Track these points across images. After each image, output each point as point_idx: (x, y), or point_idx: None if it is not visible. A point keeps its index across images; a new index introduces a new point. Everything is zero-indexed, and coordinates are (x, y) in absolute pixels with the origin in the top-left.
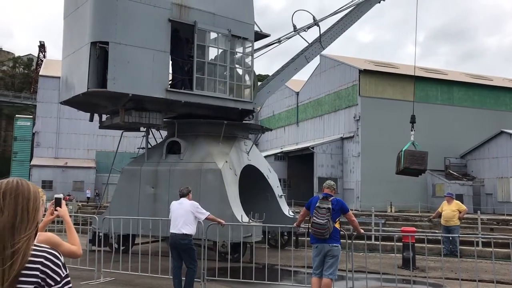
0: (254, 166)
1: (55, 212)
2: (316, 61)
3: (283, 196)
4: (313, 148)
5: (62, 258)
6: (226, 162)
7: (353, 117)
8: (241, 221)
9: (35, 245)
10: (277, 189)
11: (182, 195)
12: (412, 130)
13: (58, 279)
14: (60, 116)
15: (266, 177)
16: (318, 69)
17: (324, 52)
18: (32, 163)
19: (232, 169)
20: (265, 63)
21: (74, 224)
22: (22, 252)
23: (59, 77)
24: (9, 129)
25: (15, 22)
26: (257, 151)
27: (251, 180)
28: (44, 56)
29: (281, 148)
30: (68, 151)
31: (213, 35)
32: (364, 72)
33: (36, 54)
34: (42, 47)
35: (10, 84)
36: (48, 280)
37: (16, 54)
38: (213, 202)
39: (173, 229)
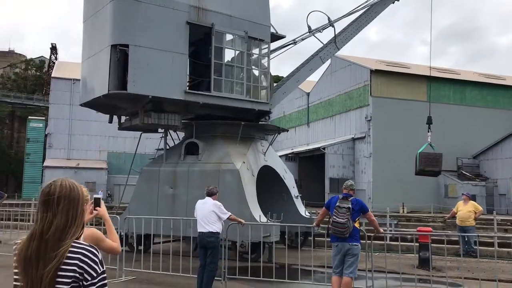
0: (271, 166)
1: (94, 211)
2: (327, 62)
3: (299, 197)
4: (324, 148)
5: (99, 256)
6: (244, 162)
7: (364, 118)
8: (259, 221)
9: (75, 242)
10: (293, 190)
11: (209, 194)
12: (428, 131)
13: (95, 275)
14: (72, 118)
15: (282, 178)
16: (329, 70)
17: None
18: (44, 164)
19: (249, 170)
20: (274, 65)
21: (96, 225)
22: (63, 253)
23: (71, 79)
24: (22, 131)
25: (25, 25)
26: (273, 152)
27: (267, 180)
28: (56, 58)
29: (292, 149)
30: (80, 152)
31: (229, 37)
32: (375, 72)
33: (47, 56)
34: (53, 49)
35: (22, 86)
36: (85, 275)
37: (28, 56)
38: (231, 203)
39: (200, 228)
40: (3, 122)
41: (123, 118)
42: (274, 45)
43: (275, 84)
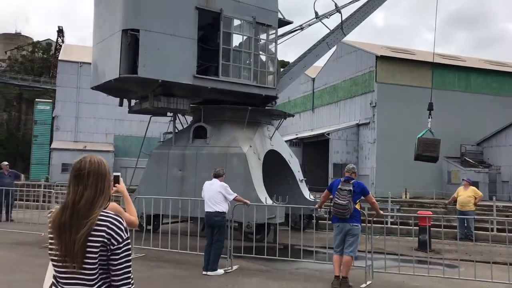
0: (276, 151)
1: (114, 188)
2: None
3: (303, 181)
4: (328, 134)
5: (124, 224)
6: (251, 146)
7: (369, 104)
8: (265, 203)
9: (102, 211)
10: (298, 174)
11: (216, 176)
12: (429, 118)
13: (120, 240)
14: (79, 101)
15: (288, 162)
16: (335, 55)
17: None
18: (52, 146)
19: (256, 154)
20: (280, 50)
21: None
22: (92, 221)
23: (78, 62)
24: (29, 113)
25: (30, 7)
26: (279, 137)
27: (273, 164)
28: (63, 41)
29: (296, 134)
30: (86, 135)
31: (237, 22)
32: (381, 58)
33: (54, 39)
34: (60, 32)
35: (29, 69)
36: (112, 241)
37: (35, 39)
38: (238, 185)
39: (207, 208)
40: (11, 104)
41: (132, 102)
42: (281, 30)
43: (281, 70)
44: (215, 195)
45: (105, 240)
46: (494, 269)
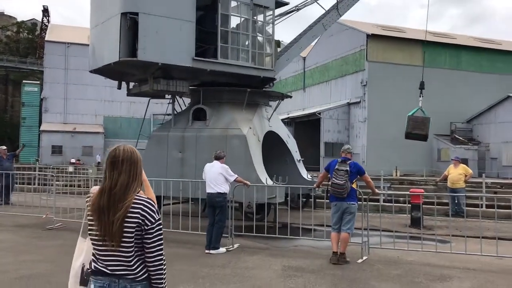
0: (275, 132)
1: None
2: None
3: (301, 161)
4: (319, 113)
5: (156, 206)
6: (250, 128)
7: (360, 83)
8: (265, 183)
9: (136, 196)
10: (296, 154)
11: (217, 158)
12: (420, 96)
13: (153, 221)
14: (67, 82)
15: (286, 143)
16: (326, 34)
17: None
18: (41, 128)
19: (255, 135)
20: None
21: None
22: (128, 204)
23: (65, 43)
24: (16, 95)
25: None
26: (277, 118)
27: (271, 145)
28: (48, 21)
29: (288, 114)
30: (76, 116)
31: (234, 3)
32: (371, 37)
33: (38, 19)
34: (45, 11)
35: (15, 50)
36: (146, 221)
37: (19, 19)
38: (239, 166)
39: (209, 190)
40: None
41: (131, 84)
42: (277, 11)
43: (278, 51)
44: (216, 177)
45: (140, 221)
46: (483, 243)
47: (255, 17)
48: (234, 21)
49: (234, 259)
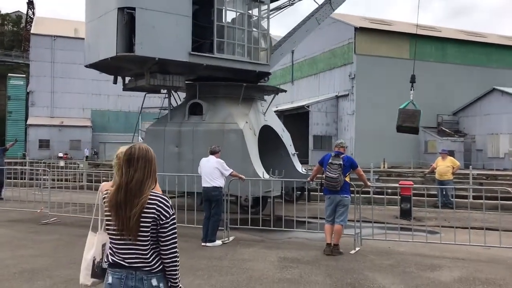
0: (270, 126)
1: None
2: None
3: (295, 154)
4: (308, 106)
5: (170, 202)
6: (247, 122)
7: (348, 76)
8: (262, 177)
9: (152, 192)
10: (290, 148)
11: (212, 152)
12: (411, 90)
13: (168, 216)
14: (54, 75)
15: (281, 136)
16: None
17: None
18: (28, 122)
19: (252, 129)
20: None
21: (97, 182)
22: (144, 200)
23: (51, 36)
24: (2, 88)
25: None
26: (272, 112)
27: (266, 139)
28: (33, 14)
29: (276, 107)
30: (63, 110)
31: None
32: (359, 30)
33: (23, 11)
34: (30, 3)
35: None
36: (161, 216)
37: (3, 11)
38: (236, 161)
39: (205, 184)
40: None
41: (126, 79)
42: (271, 6)
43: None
44: (212, 171)
45: (155, 216)
46: (471, 233)
47: (250, 12)
48: (230, 16)
49: (230, 251)
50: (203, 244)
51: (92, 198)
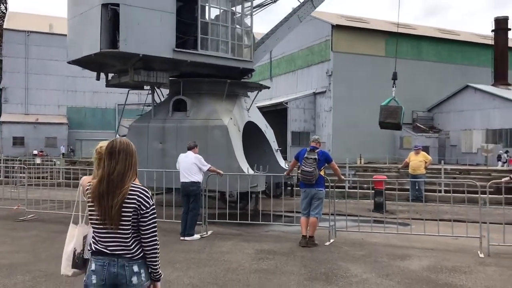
0: (253, 122)
1: None
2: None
3: (278, 150)
4: (286, 103)
5: (150, 193)
6: (231, 119)
7: (325, 73)
8: (247, 173)
9: (133, 184)
10: (274, 144)
11: (189, 148)
12: (393, 86)
13: (148, 206)
14: (28, 72)
15: (264, 133)
16: None
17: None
18: (1, 119)
19: (236, 126)
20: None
21: (74, 179)
22: (125, 191)
23: (25, 31)
24: None
25: None
26: (255, 108)
27: (250, 135)
28: (6, 8)
29: (255, 103)
30: (38, 107)
31: None
32: (336, 28)
33: None
34: None
35: None
36: (142, 206)
37: None
38: (220, 157)
39: (183, 179)
40: None
41: (109, 75)
42: (254, 3)
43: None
44: (190, 166)
45: (136, 206)
46: (440, 225)
47: (233, 9)
48: (213, 13)
49: (208, 244)
50: (181, 238)
51: (70, 195)
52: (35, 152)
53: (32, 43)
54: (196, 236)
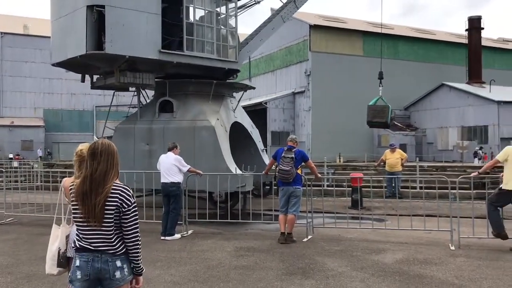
0: (239, 122)
1: None
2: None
3: (264, 150)
4: (266, 103)
5: (131, 191)
6: (218, 119)
7: (304, 72)
8: (235, 173)
9: (115, 183)
10: (260, 144)
11: (169, 149)
12: (380, 86)
13: (130, 203)
14: (2, 74)
15: (250, 133)
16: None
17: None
18: None
19: (223, 126)
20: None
21: (53, 182)
22: (108, 189)
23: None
24: None
25: None
26: (241, 109)
27: (236, 135)
28: None
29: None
30: (13, 110)
31: None
32: (314, 28)
33: None
34: None
35: None
36: (124, 204)
37: None
38: (208, 157)
39: (163, 179)
40: None
41: (94, 77)
42: (238, 4)
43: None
44: (170, 167)
45: (118, 204)
46: (414, 220)
47: (218, 10)
48: (198, 14)
49: (189, 243)
50: (162, 238)
51: (50, 198)
52: (11, 156)
53: (6, 45)
54: (177, 236)
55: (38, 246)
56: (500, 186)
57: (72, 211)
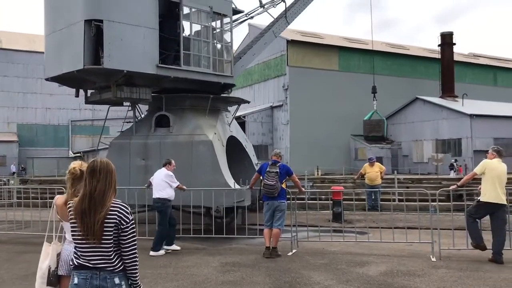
0: (235, 136)
1: None
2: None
3: (258, 164)
4: (244, 117)
5: (129, 209)
6: (215, 133)
7: (282, 87)
8: (234, 187)
9: (113, 200)
10: (253, 158)
11: (164, 165)
12: (374, 100)
13: (128, 221)
14: None
15: (244, 147)
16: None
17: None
18: None
19: (220, 140)
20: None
21: (41, 199)
22: (107, 208)
23: None
24: None
25: None
26: (236, 123)
27: (230, 149)
28: None
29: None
30: None
31: (195, 11)
32: (291, 43)
33: None
34: None
35: None
36: (122, 222)
37: None
38: (206, 172)
39: (153, 194)
40: None
41: (88, 92)
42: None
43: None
44: (160, 182)
45: (117, 221)
46: (395, 232)
47: (214, 24)
48: (194, 29)
49: (174, 259)
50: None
51: (27, 215)
52: None
53: None
54: (161, 252)
55: (19, 264)
56: (478, 198)
57: (71, 229)
